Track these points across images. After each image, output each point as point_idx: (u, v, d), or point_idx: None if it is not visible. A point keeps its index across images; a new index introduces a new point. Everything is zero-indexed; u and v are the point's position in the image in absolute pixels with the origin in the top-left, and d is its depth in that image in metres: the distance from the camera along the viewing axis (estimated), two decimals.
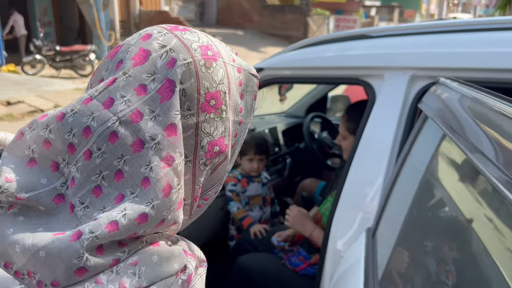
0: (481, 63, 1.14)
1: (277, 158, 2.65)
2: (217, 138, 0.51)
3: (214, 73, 0.50)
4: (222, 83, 0.50)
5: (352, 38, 1.41)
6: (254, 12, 17.43)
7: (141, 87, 0.46)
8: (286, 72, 1.51)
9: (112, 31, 12.51)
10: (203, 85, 0.49)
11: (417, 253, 0.93)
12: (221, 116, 0.51)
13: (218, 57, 0.51)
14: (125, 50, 0.49)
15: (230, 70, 0.52)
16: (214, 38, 0.54)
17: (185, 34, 0.51)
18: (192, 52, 0.49)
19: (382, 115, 1.30)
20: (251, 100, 0.57)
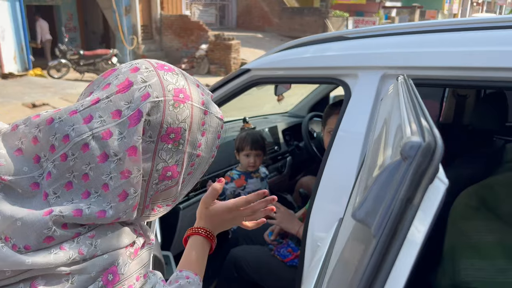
0: (446, 62, 1.20)
1: (277, 156, 2.74)
2: (171, 165, 0.62)
3: (179, 113, 0.60)
4: (184, 121, 0.61)
5: (330, 40, 1.49)
6: (273, 15, 17.55)
7: (117, 112, 0.57)
8: (270, 73, 1.60)
9: (134, 35, 12.85)
10: (166, 121, 0.59)
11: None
12: (178, 148, 0.62)
13: (187, 100, 0.62)
14: (116, 75, 0.62)
15: (196, 112, 0.63)
16: (193, 83, 0.66)
17: (167, 75, 0.62)
18: (166, 92, 0.60)
19: (356, 111, 1.37)
20: (213, 138, 0.69)
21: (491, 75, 1.12)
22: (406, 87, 0.77)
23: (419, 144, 0.32)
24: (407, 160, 0.32)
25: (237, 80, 1.70)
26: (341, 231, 1.17)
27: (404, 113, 0.46)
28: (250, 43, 15.01)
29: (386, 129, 0.56)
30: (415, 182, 0.31)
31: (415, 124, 0.38)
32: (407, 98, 0.58)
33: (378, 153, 0.52)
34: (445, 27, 1.28)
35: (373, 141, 0.71)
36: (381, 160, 0.42)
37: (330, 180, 1.39)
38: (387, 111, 0.79)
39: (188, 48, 13.64)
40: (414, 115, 0.42)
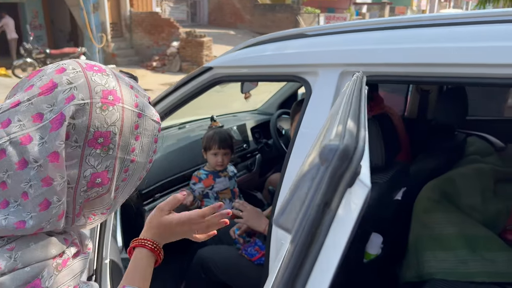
0: (403, 58, 1.21)
1: (246, 154, 2.73)
2: (100, 171, 0.59)
3: (108, 116, 0.57)
4: (114, 125, 0.58)
5: (291, 37, 1.48)
6: (245, 12, 17.51)
7: (39, 116, 0.54)
8: (232, 71, 1.59)
9: (103, 33, 12.58)
10: (93, 124, 0.56)
11: None
12: (108, 153, 0.59)
13: (117, 102, 0.59)
14: (40, 76, 0.58)
15: (128, 115, 0.60)
16: (125, 84, 0.63)
17: (95, 76, 0.59)
18: (93, 94, 0.57)
19: (316, 109, 1.37)
20: (149, 143, 0.65)
21: (450, 71, 1.13)
22: (356, 84, 0.77)
23: (336, 147, 0.31)
24: (325, 163, 0.31)
25: (199, 79, 1.67)
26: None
27: (339, 114, 0.46)
28: (222, 40, 14.93)
29: (322, 131, 0.56)
30: (332, 186, 0.30)
31: (342, 126, 0.37)
32: (349, 96, 0.58)
33: (307, 156, 0.52)
34: (405, 23, 1.29)
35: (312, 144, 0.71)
36: (306, 164, 0.42)
37: (291, 180, 1.39)
38: (335, 110, 0.79)
39: (159, 46, 13.45)
40: (345, 116, 0.41)
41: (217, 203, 0.98)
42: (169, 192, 2.18)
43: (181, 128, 2.62)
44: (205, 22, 18.27)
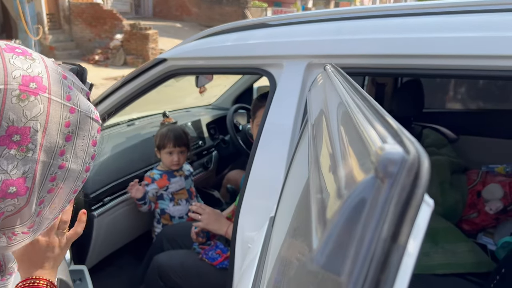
0: (370, 49, 1.16)
1: (202, 152, 2.61)
2: (15, 178, 0.46)
3: (27, 107, 0.45)
4: (35, 119, 0.46)
5: (252, 27, 1.39)
6: (192, 4, 17.15)
7: None
8: (189, 62, 1.47)
9: (39, 24, 11.77)
10: (7, 117, 0.44)
11: (301, 239, 0.93)
12: (26, 154, 0.46)
13: (42, 91, 0.47)
14: None
15: (56, 108, 0.48)
16: (56, 72, 0.50)
17: (16, 59, 0.47)
18: (9, 79, 0.45)
19: (282, 103, 1.30)
20: (84, 145, 0.53)
21: (416, 62, 1.10)
22: (341, 77, 0.69)
23: (402, 157, 0.22)
24: (387, 179, 0.22)
25: (152, 71, 1.54)
26: (274, 231, 1.09)
27: (356, 112, 0.37)
28: (168, 33, 14.52)
29: (328, 130, 0.47)
30: (401, 210, 0.21)
31: (383, 128, 0.28)
32: (351, 91, 0.49)
33: (321, 162, 0.43)
34: (370, 13, 1.24)
35: (310, 143, 0.62)
36: (331, 173, 0.33)
37: (259, 176, 1.30)
38: (322, 106, 0.71)
39: (101, 38, 12.81)
40: (375, 115, 0.33)
41: (82, 210, 0.84)
42: (119, 195, 2.02)
43: (130, 125, 2.44)
44: (149, 14, 17.66)
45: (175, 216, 2.12)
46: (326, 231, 0.25)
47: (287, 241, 0.95)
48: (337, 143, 0.36)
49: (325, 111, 0.59)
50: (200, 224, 1.68)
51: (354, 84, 0.58)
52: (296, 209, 0.96)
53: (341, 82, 0.60)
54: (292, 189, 1.06)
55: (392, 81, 2.52)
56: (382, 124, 0.29)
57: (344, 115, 0.40)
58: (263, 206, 1.29)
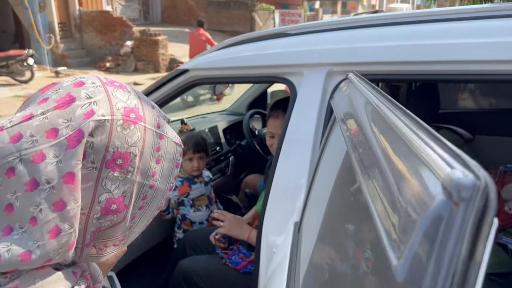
0: (392, 56, 1.19)
1: (219, 157, 2.65)
2: (117, 197, 0.53)
3: (129, 135, 0.52)
4: (135, 145, 0.52)
5: (271, 37, 1.43)
6: (199, 9, 17.25)
7: (53, 131, 0.48)
8: (210, 73, 1.51)
9: (51, 34, 11.96)
10: (113, 144, 0.50)
11: (335, 245, 0.96)
12: (126, 176, 0.52)
13: (139, 121, 0.53)
14: (55, 89, 0.52)
15: (150, 135, 0.54)
16: (147, 103, 0.57)
17: (117, 91, 0.53)
18: (114, 110, 0.51)
19: (303, 110, 1.33)
20: (170, 167, 0.59)
21: (439, 68, 1.12)
22: (371, 88, 0.72)
23: (474, 183, 0.25)
24: (462, 203, 0.25)
25: (175, 82, 1.58)
26: (302, 237, 1.12)
27: (404, 129, 0.40)
28: (177, 38, 14.63)
29: (367, 143, 0.50)
30: (475, 231, 0.25)
31: (441, 150, 0.32)
32: (389, 104, 0.52)
33: (374, 179, 0.46)
34: (387, 21, 1.27)
35: (352, 155, 0.65)
36: (393, 193, 0.36)
37: (282, 184, 1.34)
38: (352, 116, 0.75)
39: (112, 46, 12.97)
40: (425, 133, 0.36)
41: None
42: None
43: None
44: (158, 20, 17.82)
45: (196, 222, 2.16)
46: (405, 249, 0.28)
47: (323, 248, 0.98)
48: (389, 161, 0.39)
49: (363, 124, 0.62)
50: (222, 230, 1.72)
51: (386, 96, 0.61)
52: (329, 217, 0.99)
53: (373, 93, 0.64)
54: (320, 196, 1.09)
55: (407, 83, 2.53)
56: (439, 145, 0.32)
57: (389, 131, 0.43)
58: (286, 211, 1.32)
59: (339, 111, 0.93)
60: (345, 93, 0.98)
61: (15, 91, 9.34)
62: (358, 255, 0.88)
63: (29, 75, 10.14)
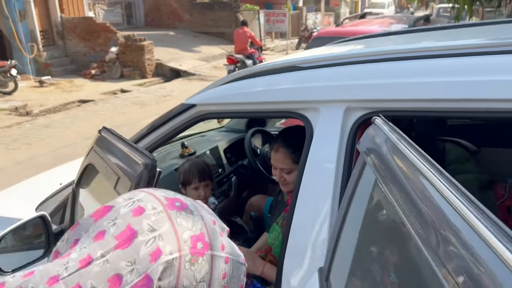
0: (415, 94, 1.14)
1: (222, 179, 2.59)
2: None
3: (197, 270, 0.46)
4: (203, 280, 0.47)
5: (282, 71, 1.37)
6: (183, 11, 17.10)
7: (117, 278, 0.41)
8: (219, 108, 1.45)
9: (33, 42, 11.72)
10: (181, 284, 0.45)
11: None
12: None
13: (207, 250, 0.47)
14: (112, 219, 0.45)
15: (216, 264, 0.48)
16: (209, 219, 0.49)
17: (180, 216, 0.47)
18: (181, 244, 0.45)
19: (322, 147, 1.28)
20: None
21: (464, 106, 1.08)
22: (404, 140, 0.75)
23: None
24: None
25: (182, 117, 1.52)
26: (332, 282, 1.08)
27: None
28: (162, 41, 14.47)
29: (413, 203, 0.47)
30: None
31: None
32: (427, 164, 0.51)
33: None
34: (408, 54, 1.22)
35: (404, 219, 0.67)
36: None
37: (302, 229, 1.28)
38: (395, 180, 0.72)
39: (96, 52, 12.76)
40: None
41: None
42: None
43: None
44: (142, 24, 17.60)
45: None
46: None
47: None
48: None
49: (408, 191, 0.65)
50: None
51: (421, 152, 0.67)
52: (371, 273, 0.94)
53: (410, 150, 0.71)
54: (355, 247, 1.04)
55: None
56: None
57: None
58: (308, 255, 1.27)
59: (373, 164, 0.89)
60: (377, 143, 0.93)
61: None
62: None
63: (12, 86, 9.92)
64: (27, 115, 8.66)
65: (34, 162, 5.77)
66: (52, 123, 7.98)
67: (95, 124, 7.69)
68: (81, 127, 7.65)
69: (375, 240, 1.03)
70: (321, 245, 1.24)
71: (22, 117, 8.48)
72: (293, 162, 1.60)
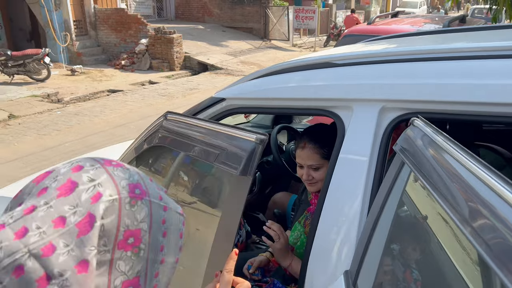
0: (451, 95, 1.09)
1: None
2: (132, 278, 0.50)
3: (137, 212, 0.51)
4: (144, 221, 0.51)
5: (315, 67, 1.33)
6: (213, 6, 17.15)
7: (61, 219, 0.46)
8: (248, 103, 1.43)
9: (67, 31, 12.00)
10: (124, 222, 0.49)
11: None
12: (139, 255, 0.51)
13: (145, 195, 0.53)
14: (53, 177, 0.49)
15: (155, 209, 0.54)
16: (146, 176, 0.57)
17: (117, 170, 0.53)
18: (120, 189, 0.51)
19: (354, 148, 1.24)
20: (175, 239, 0.58)
21: (503, 110, 1.02)
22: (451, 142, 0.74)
23: None
24: None
25: (210, 110, 1.51)
26: (360, 286, 1.04)
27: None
28: (191, 35, 14.57)
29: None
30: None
31: None
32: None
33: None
34: (450, 54, 1.17)
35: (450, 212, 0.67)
36: None
37: (329, 230, 1.25)
38: (436, 172, 0.75)
39: (126, 43, 12.96)
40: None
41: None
42: None
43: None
44: (172, 17, 17.77)
45: None
46: None
47: None
48: None
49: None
50: (272, 245, 1.58)
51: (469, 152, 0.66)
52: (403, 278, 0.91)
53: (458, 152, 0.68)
54: (383, 251, 1.01)
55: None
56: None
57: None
58: (334, 257, 1.23)
59: (414, 164, 0.86)
60: (417, 145, 0.90)
61: (32, 90, 9.38)
62: None
63: (45, 73, 10.18)
64: (58, 102, 8.88)
65: (63, 149, 5.91)
66: (81, 111, 8.15)
67: (123, 114, 7.82)
68: (109, 116, 7.79)
69: (406, 244, 0.99)
70: (348, 247, 1.21)
71: (53, 104, 8.70)
72: (322, 158, 1.56)
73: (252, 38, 16.19)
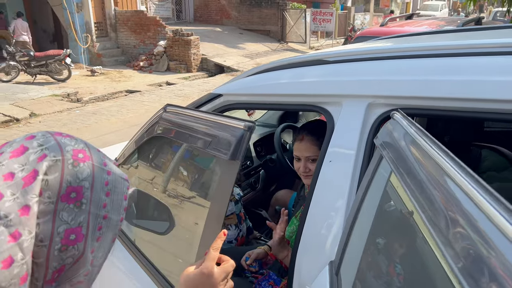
0: (442, 92, 1.11)
1: (250, 172, 2.62)
2: (74, 227, 0.58)
3: (79, 172, 0.59)
4: (85, 180, 0.60)
5: (307, 64, 1.37)
6: (231, 8, 17.30)
7: (10, 175, 0.55)
8: (244, 98, 1.47)
9: (88, 33, 12.29)
10: (66, 179, 0.57)
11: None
12: (81, 207, 0.59)
13: (87, 160, 0.61)
14: (9, 144, 0.59)
15: (98, 171, 0.62)
16: (92, 146, 0.66)
17: (65, 139, 0.62)
18: (64, 152, 0.59)
19: (342, 142, 1.28)
20: (119, 200, 0.66)
21: (490, 106, 1.04)
22: (423, 134, 0.74)
23: None
24: None
25: (208, 106, 1.56)
26: (343, 283, 1.08)
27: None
28: (209, 37, 14.72)
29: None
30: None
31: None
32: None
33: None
34: (441, 51, 1.19)
35: (420, 213, 0.66)
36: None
37: (316, 222, 1.29)
38: (408, 165, 0.76)
39: (145, 45, 13.20)
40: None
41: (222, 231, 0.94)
42: None
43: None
44: (190, 19, 17.99)
45: (225, 241, 2.14)
46: None
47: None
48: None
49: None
50: (278, 231, 1.64)
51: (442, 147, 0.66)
52: (381, 267, 0.94)
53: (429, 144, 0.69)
54: (366, 241, 1.04)
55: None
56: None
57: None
58: (321, 248, 1.27)
59: (390, 157, 0.89)
60: (394, 137, 0.93)
61: (53, 89, 9.64)
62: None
63: (66, 73, 10.45)
64: (77, 101, 9.10)
65: None
66: (99, 110, 8.34)
67: (140, 113, 7.97)
68: (126, 115, 7.95)
69: (385, 234, 1.02)
70: (334, 239, 1.24)
71: (72, 103, 8.93)
72: (319, 150, 1.61)
73: (269, 41, 16.25)
